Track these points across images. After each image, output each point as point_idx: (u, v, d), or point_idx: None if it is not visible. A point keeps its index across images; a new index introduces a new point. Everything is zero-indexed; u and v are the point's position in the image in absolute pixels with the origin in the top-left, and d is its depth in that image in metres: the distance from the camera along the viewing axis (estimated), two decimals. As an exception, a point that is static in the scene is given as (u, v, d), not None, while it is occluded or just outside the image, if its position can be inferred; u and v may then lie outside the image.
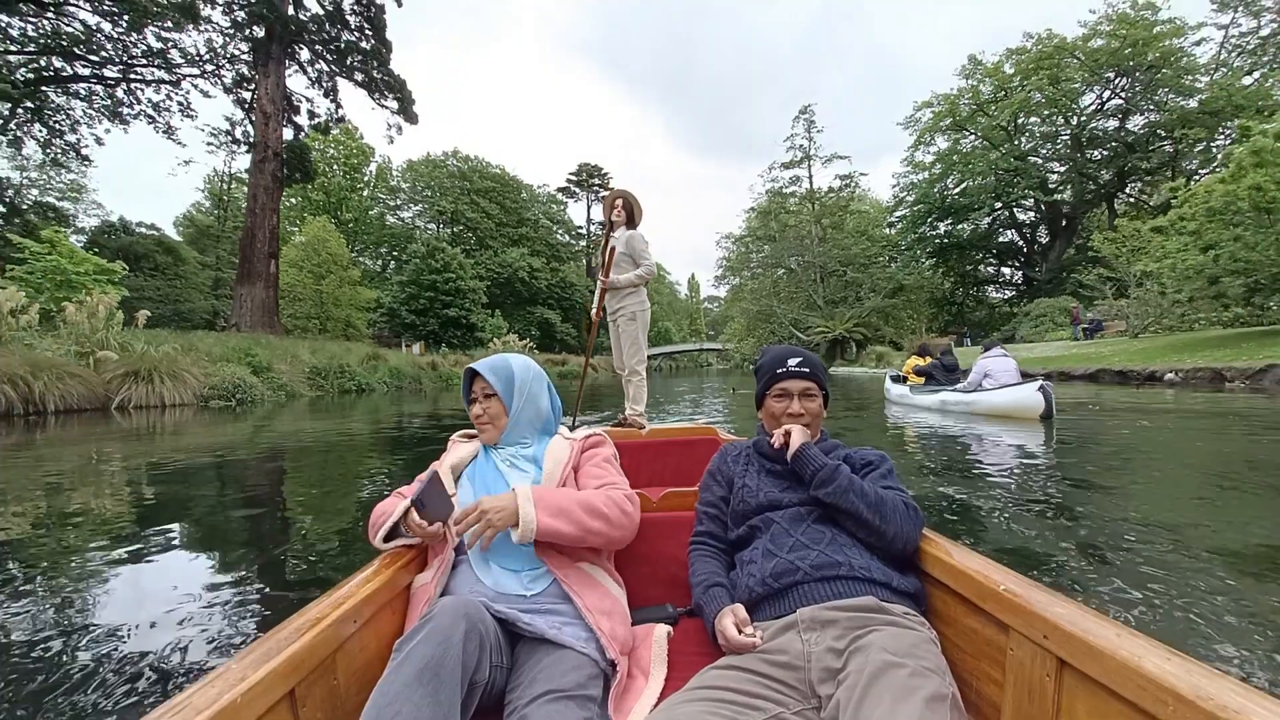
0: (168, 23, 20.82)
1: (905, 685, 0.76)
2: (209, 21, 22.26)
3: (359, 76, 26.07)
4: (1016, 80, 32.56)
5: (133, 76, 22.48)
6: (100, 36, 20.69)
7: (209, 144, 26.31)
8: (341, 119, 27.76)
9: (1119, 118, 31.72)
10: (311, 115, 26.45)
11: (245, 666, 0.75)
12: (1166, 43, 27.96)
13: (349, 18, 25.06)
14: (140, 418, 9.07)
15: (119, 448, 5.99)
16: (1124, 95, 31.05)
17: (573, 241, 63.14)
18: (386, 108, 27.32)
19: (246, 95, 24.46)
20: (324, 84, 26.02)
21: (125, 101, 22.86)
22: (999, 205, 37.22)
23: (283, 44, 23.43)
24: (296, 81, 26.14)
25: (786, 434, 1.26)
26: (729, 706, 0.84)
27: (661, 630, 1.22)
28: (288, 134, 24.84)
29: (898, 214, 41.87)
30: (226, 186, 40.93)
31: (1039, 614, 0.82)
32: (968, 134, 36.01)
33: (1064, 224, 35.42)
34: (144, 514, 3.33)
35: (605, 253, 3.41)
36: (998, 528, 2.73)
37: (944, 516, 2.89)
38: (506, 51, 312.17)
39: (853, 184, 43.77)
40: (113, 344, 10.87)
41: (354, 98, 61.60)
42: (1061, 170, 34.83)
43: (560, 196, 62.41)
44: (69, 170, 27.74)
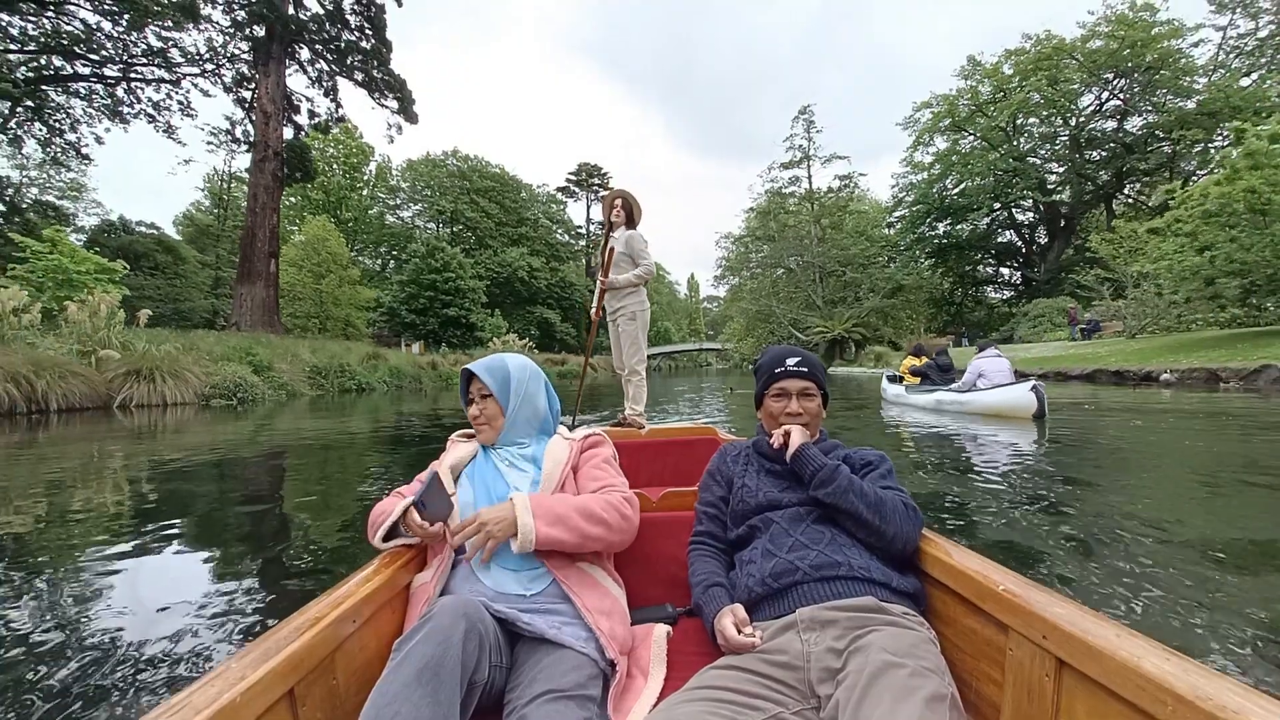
0: (168, 22, 20.83)
1: (905, 685, 0.76)
2: (209, 21, 22.27)
3: (359, 76, 26.07)
4: (1015, 81, 32.58)
5: (133, 76, 22.47)
6: (100, 35, 20.67)
7: (209, 143, 26.38)
8: (342, 118, 27.76)
9: (1117, 119, 31.78)
10: (312, 115, 26.46)
11: (245, 666, 0.75)
12: (1165, 44, 28.01)
13: (349, 17, 25.07)
14: (142, 416, 9.09)
15: (122, 446, 6.03)
16: (1122, 96, 31.11)
17: (572, 241, 63.15)
18: (386, 107, 27.34)
19: (247, 94, 24.47)
20: (324, 83, 26.03)
21: (125, 100, 22.86)
22: (998, 206, 37.28)
23: (283, 43, 23.44)
24: (297, 81, 26.19)
25: (786, 434, 1.26)
26: (728, 706, 0.84)
27: (661, 630, 1.22)
28: (288, 133, 24.84)
29: (897, 214, 41.90)
30: (226, 186, 40.91)
31: (1038, 614, 0.82)
32: (966, 135, 36.03)
33: (1062, 224, 35.48)
34: (146, 512, 3.35)
35: (605, 253, 3.41)
36: (988, 523, 2.79)
37: (938, 513, 2.95)
38: (506, 51, 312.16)
39: (852, 184, 43.90)
40: (114, 343, 10.90)
41: (354, 97, 61.85)
42: (1060, 171, 34.90)
43: (560, 196, 62.46)
44: (69, 169, 27.71)
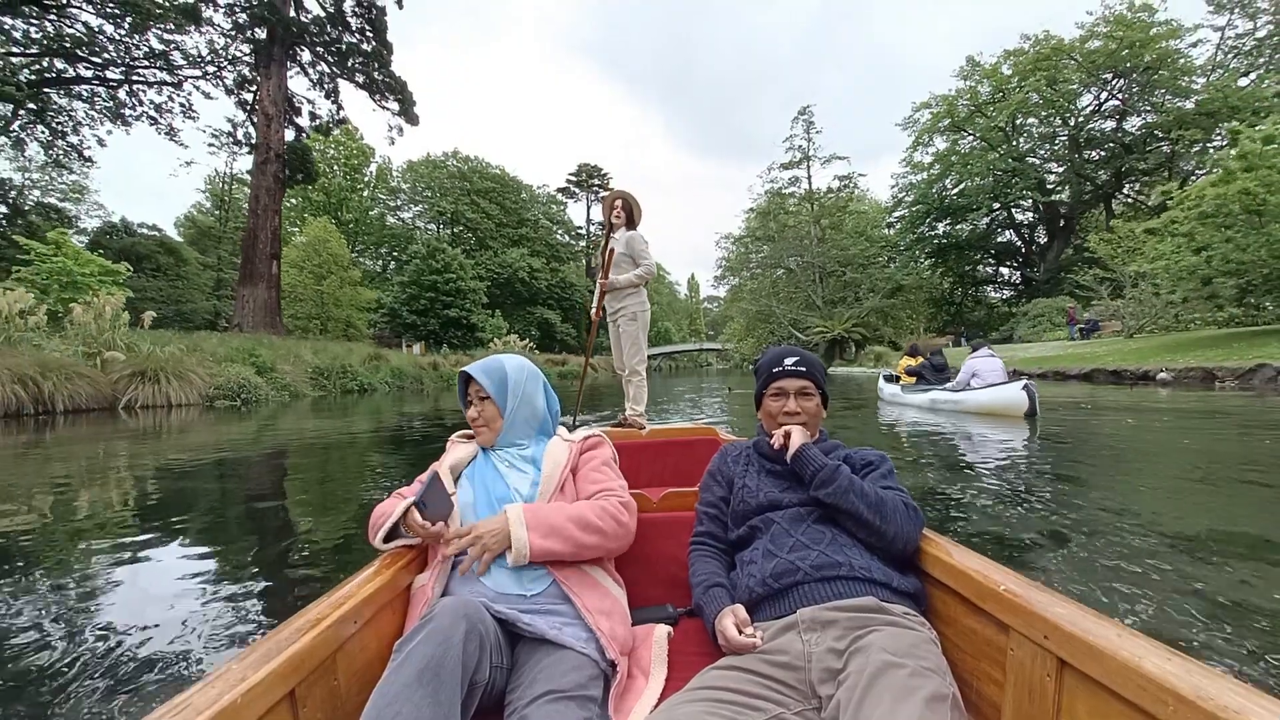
0: (170, 25, 20.93)
1: (905, 685, 0.76)
2: (211, 23, 22.38)
3: (360, 78, 26.17)
4: (1014, 81, 32.61)
5: (135, 78, 22.55)
6: (103, 38, 20.75)
7: (210, 145, 26.48)
8: (343, 120, 27.83)
9: (1116, 119, 31.81)
10: (313, 117, 26.56)
11: (245, 667, 0.75)
12: (1163, 44, 28.04)
13: (350, 19, 25.17)
14: (147, 417, 9.17)
15: (128, 447, 6.10)
16: (1121, 96, 31.15)
17: (572, 242, 63.23)
18: (387, 109, 27.42)
19: (248, 97, 24.57)
20: (325, 85, 26.12)
21: (127, 103, 22.91)
22: (997, 206, 37.33)
23: (284, 46, 23.53)
24: (298, 83, 26.38)
25: (786, 434, 1.27)
26: (729, 707, 0.84)
27: (662, 630, 1.22)
28: (289, 135, 24.93)
29: (896, 214, 41.91)
30: (228, 187, 41.02)
31: (1039, 614, 0.82)
32: (966, 135, 36.05)
33: (1062, 224, 35.52)
34: (150, 513, 3.37)
35: (605, 254, 3.41)
36: (977, 516, 2.89)
37: (929, 508, 3.03)
38: (506, 51, 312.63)
39: (851, 184, 43.96)
40: (119, 344, 10.98)
41: (355, 99, 61.88)
42: (1059, 171, 34.93)
43: (560, 197, 62.53)
44: (71, 171, 27.79)
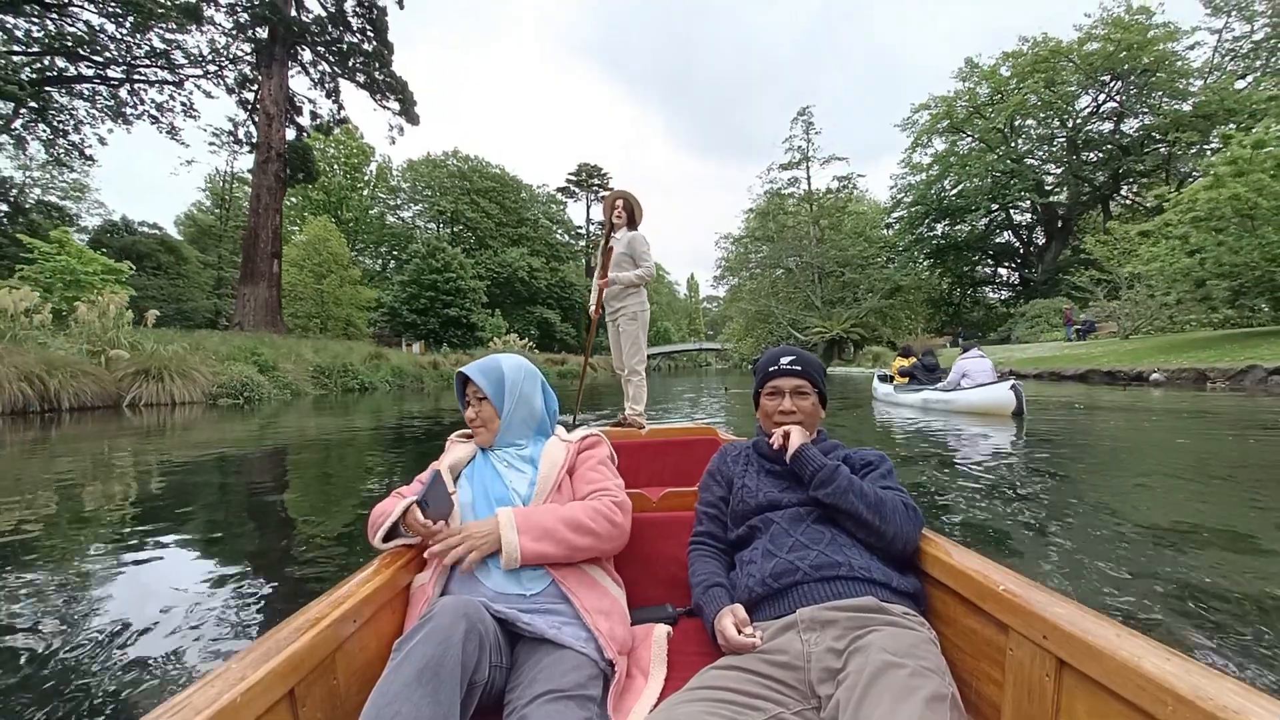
0: (171, 24, 20.99)
1: (905, 685, 0.76)
2: (212, 23, 22.46)
3: (361, 78, 26.24)
4: (1012, 83, 32.73)
5: (136, 77, 22.61)
6: (104, 37, 20.81)
7: (211, 144, 26.56)
8: (344, 120, 27.92)
9: (1114, 121, 31.93)
10: (314, 116, 26.65)
11: (245, 666, 0.75)
12: (1160, 47, 28.17)
13: (351, 19, 25.24)
14: (151, 415, 9.25)
15: (133, 444, 6.17)
16: (1119, 98, 31.28)
17: (572, 241, 63.32)
18: (388, 109, 27.49)
19: (249, 96, 24.64)
20: (326, 85, 26.20)
21: (129, 102, 22.99)
22: (995, 207, 37.44)
23: (285, 45, 23.61)
24: (299, 83, 26.48)
25: (786, 434, 1.27)
26: (729, 707, 0.84)
27: (661, 630, 1.23)
28: (290, 134, 25.01)
29: (895, 215, 41.99)
30: (228, 186, 41.06)
31: (1038, 614, 0.82)
32: (965, 136, 36.16)
33: (1060, 225, 35.64)
34: (153, 510, 3.39)
35: (605, 253, 3.41)
36: (962, 509, 3.02)
37: (917, 502, 3.16)
38: (507, 51, 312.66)
39: (850, 185, 44.02)
40: (123, 343, 11.07)
41: (356, 99, 61.94)
42: (1057, 172, 35.05)
43: (560, 196, 62.64)
44: (72, 170, 27.83)
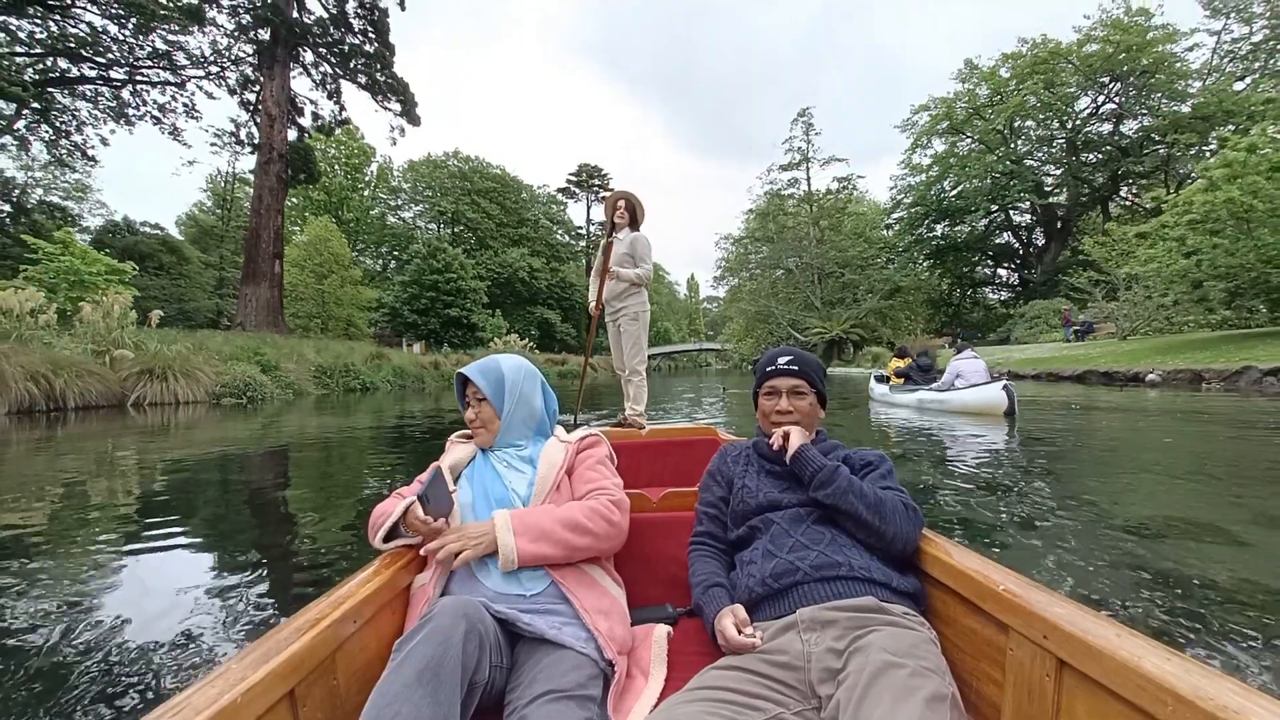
0: (174, 25, 21.08)
1: (905, 685, 0.76)
2: (214, 24, 22.53)
3: (362, 79, 26.31)
4: (1012, 84, 32.82)
5: (139, 78, 22.69)
6: (106, 38, 20.90)
7: (213, 145, 26.70)
8: (345, 121, 27.99)
9: (1113, 122, 32.02)
10: (315, 117, 26.73)
11: (245, 666, 0.75)
12: (1159, 48, 28.26)
13: (352, 21, 25.32)
14: (155, 414, 9.33)
15: (138, 443, 6.24)
16: (1118, 100, 31.37)
17: (573, 242, 63.40)
18: (389, 110, 27.56)
19: (251, 97, 24.72)
20: (328, 86, 26.27)
21: (131, 103, 23.05)
22: (995, 208, 37.51)
23: (287, 47, 23.70)
24: (301, 84, 26.58)
25: (785, 435, 1.27)
26: (729, 707, 0.85)
27: (661, 630, 1.23)
28: (291, 135, 25.10)
29: (895, 216, 42.08)
30: (230, 187, 41.16)
31: (1039, 614, 0.82)
32: (964, 137, 36.26)
33: (1059, 226, 35.73)
34: (157, 509, 3.41)
35: (605, 250, 3.40)
36: (952, 504, 3.11)
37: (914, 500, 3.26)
38: (508, 52, 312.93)
39: (850, 186, 44.08)
40: (128, 343, 11.14)
41: (358, 99, 61.98)
42: (1057, 173, 35.13)
43: (560, 197, 62.71)
44: (74, 170, 27.92)
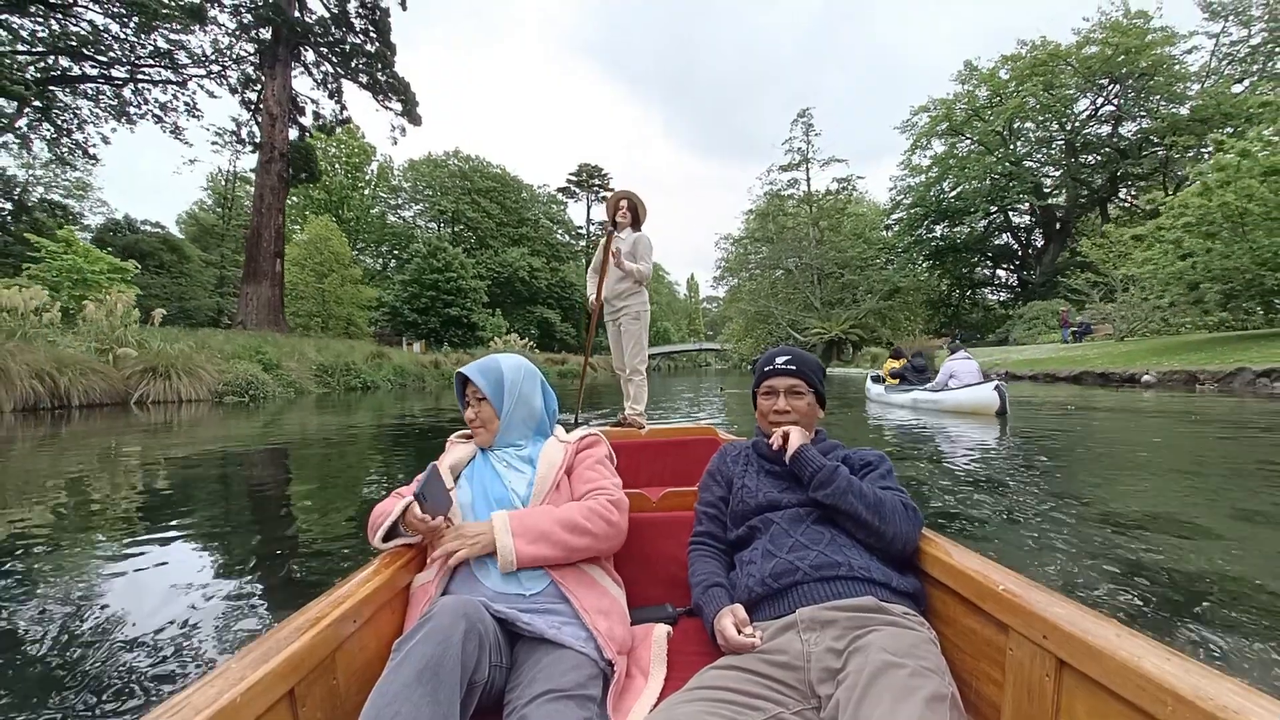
0: (175, 24, 21.14)
1: (905, 685, 0.76)
2: (215, 23, 22.58)
3: (364, 79, 26.36)
4: (1011, 86, 32.89)
5: (140, 77, 22.71)
6: (108, 37, 20.94)
7: (214, 144, 26.70)
8: (346, 120, 28.05)
9: (1112, 124, 32.11)
10: (317, 116, 26.77)
11: (245, 666, 0.75)
12: (1158, 51, 28.34)
13: (354, 20, 25.38)
14: (158, 413, 9.39)
15: (142, 441, 6.30)
16: (1117, 102, 31.45)
17: (573, 241, 63.48)
18: (391, 109, 27.62)
19: (252, 96, 24.78)
20: (329, 86, 26.32)
21: (132, 101, 23.09)
22: (994, 209, 37.58)
23: (289, 46, 23.76)
24: (302, 83, 26.61)
25: (785, 435, 1.27)
26: (728, 706, 0.85)
27: (661, 630, 1.23)
28: (293, 134, 25.16)
29: (894, 217, 42.17)
30: (231, 185, 41.18)
31: (1038, 614, 0.82)
32: (964, 139, 36.36)
33: (1058, 228, 35.82)
34: (160, 507, 3.43)
35: (605, 248, 3.39)
36: (942, 499, 3.20)
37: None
38: (509, 52, 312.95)
39: (850, 187, 44.19)
40: (131, 341, 11.20)
41: (359, 99, 62.02)
42: (1056, 175, 35.22)
43: (560, 197, 62.81)
44: (75, 168, 27.96)
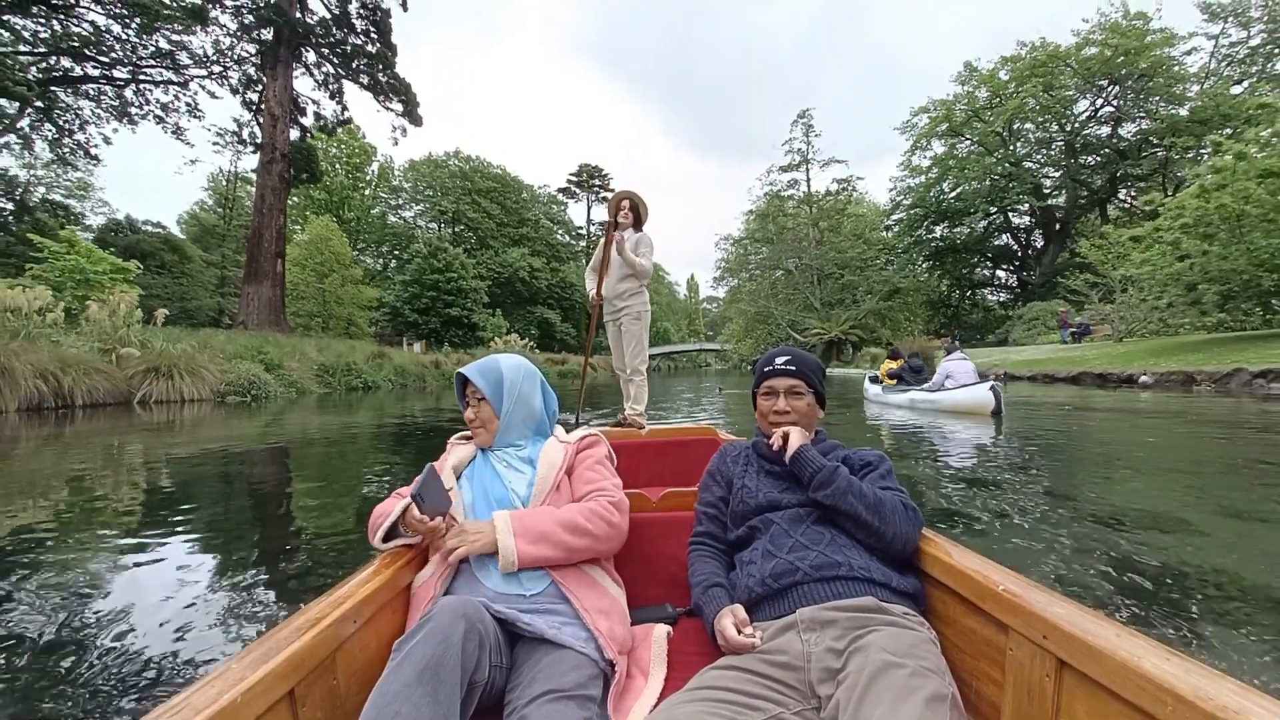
0: (177, 25, 21.20)
1: (905, 685, 0.76)
2: (217, 24, 22.65)
3: (365, 79, 26.45)
4: (1011, 87, 32.93)
5: (141, 78, 22.81)
6: (110, 38, 21.01)
7: (216, 144, 26.79)
8: (347, 121, 28.14)
9: (1111, 125, 32.18)
10: (318, 117, 26.86)
11: (245, 666, 0.75)
12: (1157, 52, 28.38)
13: (355, 21, 25.46)
14: (161, 412, 9.45)
15: (146, 441, 6.35)
16: (1116, 103, 31.50)
17: (573, 242, 63.55)
18: (392, 110, 27.70)
19: (253, 97, 24.85)
20: (330, 86, 26.41)
21: (134, 102, 23.19)
22: (994, 210, 37.60)
23: (290, 47, 23.82)
24: (303, 84, 26.66)
25: (785, 435, 1.26)
26: (728, 707, 0.85)
27: (661, 630, 1.23)
28: (294, 135, 25.21)
29: (894, 217, 42.22)
30: (232, 186, 41.24)
31: (1038, 614, 0.82)
32: (963, 139, 36.41)
33: (1058, 229, 35.88)
34: (163, 506, 3.45)
35: (606, 244, 3.38)
36: (936, 496, 3.27)
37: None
38: (509, 52, 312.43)
39: (850, 187, 44.22)
40: (133, 341, 11.25)
41: (360, 100, 62.12)
42: (1055, 176, 35.27)
43: (561, 197, 62.94)
44: (76, 169, 28.03)
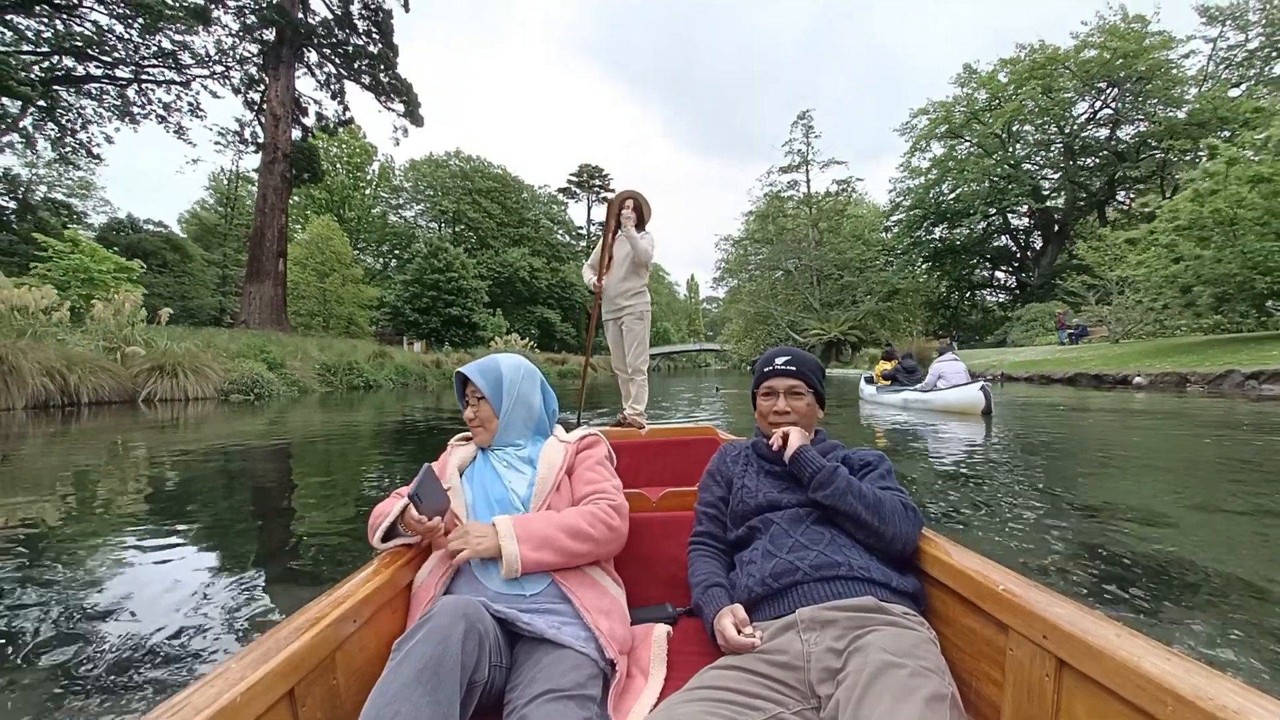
0: (180, 25, 21.29)
1: (905, 685, 0.76)
2: (219, 24, 22.74)
3: (366, 80, 26.54)
4: (1010, 89, 33.07)
5: (144, 77, 22.88)
6: (112, 38, 21.10)
7: (217, 144, 26.85)
8: (349, 121, 28.22)
9: (1110, 127, 32.29)
10: (320, 117, 26.95)
11: (244, 666, 0.75)
12: (1156, 55, 28.51)
13: (357, 22, 25.55)
14: (165, 410, 9.55)
15: (151, 438, 6.43)
16: (1115, 105, 31.62)
17: (573, 242, 63.64)
18: (393, 110, 27.80)
19: (255, 96, 24.94)
20: (332, 86, 26.50)
21: (136, 101, 23.26)
22: (993, 211, 37.70)
23: (292, 47, 23.91)
24: (305, 84, 26.75)
25: (784, 435, 1.26)
26: (728, 706, 0.85)
27: (661, 630, 1.23)
28: (295, 135, 25.30)
29: (894, 219, 42.37)
30: (233, 185, 41.32)
31: (1038, 614, 0.82)
32: (963, 141, 36.54)
33: (1056, 230, 36.02)
34: (165, 504, 3.47)
35: (605, 247, 3.39)
36: (927, 492, 3.38)
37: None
38: (510, 52, 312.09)
39: (849, 188, 44.33)
40: (138, 340, 11.34)
41: (361, 100, 62.11)
42: (1054, 178, 35.39)
43: (561, 197, 63.07)
44: (78, 168, 28.09)
